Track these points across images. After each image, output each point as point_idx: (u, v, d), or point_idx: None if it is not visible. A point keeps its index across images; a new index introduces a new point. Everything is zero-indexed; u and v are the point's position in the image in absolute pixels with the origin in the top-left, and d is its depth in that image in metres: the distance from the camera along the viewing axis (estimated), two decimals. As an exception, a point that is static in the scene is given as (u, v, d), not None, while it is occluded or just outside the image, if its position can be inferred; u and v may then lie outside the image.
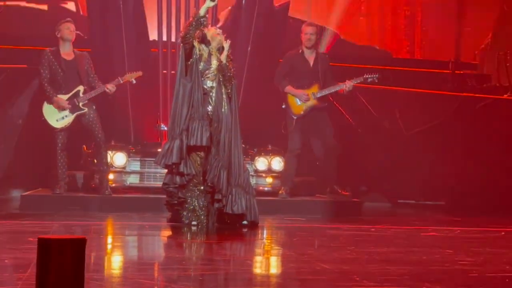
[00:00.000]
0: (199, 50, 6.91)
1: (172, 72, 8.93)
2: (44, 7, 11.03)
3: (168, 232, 6.98)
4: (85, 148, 8.72)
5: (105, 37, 8.89)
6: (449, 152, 9.48)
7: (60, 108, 8.14)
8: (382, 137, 9.67)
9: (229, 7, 10.16)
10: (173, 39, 8.96)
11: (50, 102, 8.17)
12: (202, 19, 6.86)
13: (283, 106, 8.59)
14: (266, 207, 7.86)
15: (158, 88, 8.90)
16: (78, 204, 8.08)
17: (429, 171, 9.51)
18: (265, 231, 7.13)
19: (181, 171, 6.84)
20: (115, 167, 8.46)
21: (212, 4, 6.94)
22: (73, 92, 8.20)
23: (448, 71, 9.80)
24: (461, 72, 10.04)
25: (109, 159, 8.42)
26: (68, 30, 8.19)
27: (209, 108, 6.92)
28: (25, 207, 8.01)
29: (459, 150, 9.44)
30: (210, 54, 6.94)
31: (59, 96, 8.17)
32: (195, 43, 6.89)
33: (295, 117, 8.52)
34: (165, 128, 8.84)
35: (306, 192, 8.84)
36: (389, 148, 9.63)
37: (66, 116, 8.15)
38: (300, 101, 8.51)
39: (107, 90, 8.17)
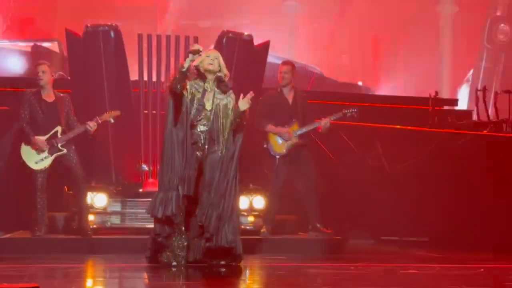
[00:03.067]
0: (191, 93, 6.83)
1: (153, 112, 8.98)
2: (27, 48, 11.10)
3: (149, 274, 6.93)
4: (66, 189, 8.69)
5: (86, 78, 8.93)
6: (431, 188, 9.51)
7: (39, 149, 8.11)
8: (365, 174, 9.70)
9: (211, 46, 10.25)
10: (154, 79, 9.01)
11: (28, 143, 8.15)
12: (186, 72, 6.83)
13: (265, 146, 8.63)
14: (248, 246, 7.81)
15: (139, 128, 8.92)
16: (59, 246, 8.02)
17: (412, 207, 9.53)
18: (246, 271, 7.09)
19: (172, 219, 6.81)
20: (96, 208, 8.43)
21: (195, 57, 6.90)
22: (51, 133, 8.17)
23: (428, 107, 9.87)
24: (441, 108, 10.11)
25: (90, 200, 8.40)
26: (38, 74, 8.16)
27: (198, 153, 6.88)
28: (4, 250, 7.94)
29: (441, 186, 9.47)
30: (205, 91, 6.87)
31: (37, 137, 8.14)
32: (184, 92, 6.85)
33: (278, 156, 8.56)
34: (146, 169, 8.85)
35: (288, 231, 8.83)
36: (372, 185, 9.65)
37: (45, 157, 8.13)
38: (281, 140, 8.55)
39: (88, 128, 8.14)
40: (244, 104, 6.86)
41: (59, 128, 8.18)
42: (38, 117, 8.16)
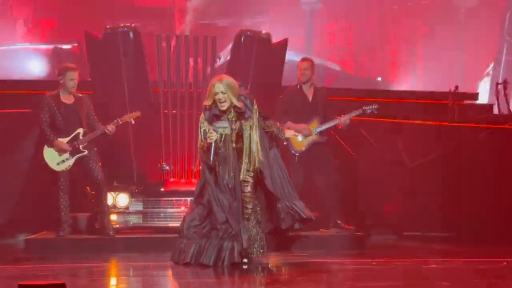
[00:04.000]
0: (221, 135, 6.86)
1: (173, 111, 9.03)
2: (48, 51, 11.21)
3: (173, 272, 6.98)
4: (88, 190, 8.77)
5: (106, 79, 9.00)
6: (452, 183, 9.48)
7: (61, 151, 8.19)
8: (386, 169, 9.69)
9: (229, 45, 10.32)
10: (173, 79, 9.06)
11: (51, 145, 8.23)
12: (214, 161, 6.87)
13: (285, 143, 8.64)
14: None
15: (160, 128, 8.98)
16: (82, 246, 8.09)
17: (433, 202, 9.50)
18: (269, 268, 7.12)
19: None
20: (118, 208, 8.51)
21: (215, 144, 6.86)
22: (73, 135, 8.23)
23: (448, 102, 9.83)
24: (462, 102, 10.06)
25: (112, 200, 8.48)
26: (73, 81, 8.17)
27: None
28: (30, 250, 8.05)
29: (462, 181, 9.43)
30: (230, 122, 6.91)
31: (59, 139, 8.20)
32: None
33: (297, 154, 8.59)
34: (167, 168, 8.91)
35: (310, 227, 8.81)
36: (393, 180, 9.64)
37: (66, 159, 8.20)
38: (301, 137, 8.57)
39: (107, 131, 8.21)
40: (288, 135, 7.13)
41: (80, 130, 8.23)
42: (57, 120, 8.20)
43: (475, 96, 10.62)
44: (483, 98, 12.05)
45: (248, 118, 6.92)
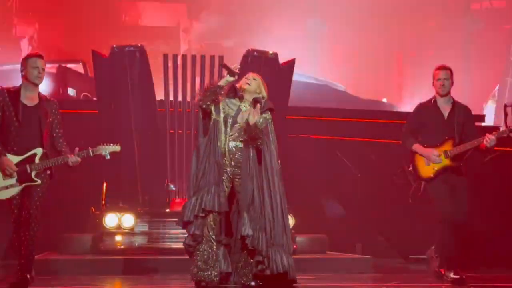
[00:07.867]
0: (224, 111, 6.63)
1: (179, 131, 8.98)
2: (53, 70, 11.18)
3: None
4: (93, 210, 8.70)
5: (112, 98, 8.96)
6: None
7: (6, 174, 6.08)
8: (392, 191, 9.61)
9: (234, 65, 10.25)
10: (179, 99, 9.02)
11: None
12: (218, 90, 6.63)
13: (410, 168, 7.43)
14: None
15: (166, 148, 8.92)
16: (86, 267, 7.97)
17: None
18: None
19: (192, 233, 6.59)
20: (124, 229, 8.42)
21: (232, 79, 6.67)
22: (27, 155, 6.15)
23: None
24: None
25: (117, 221, 8.38)
26: (36, 70, 6.11)
27: (228, 169, 6.65)
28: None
29: (469, 203, 9.35)
30: (239, 110, 6.62)
31: (8, 156, 6.11)
32: (212, 107, 6.67)
33: (424, 181, 7.26)
34: (173, 188, 8.84)
35: (318, 250, 8.74)
36: (399, 202, 9.55)
37: (11, 185, 6.15)
38: (428, 161, 7.21)
39: (69, 163, 6.20)
40: (251, 117, 6.52)
41: (39, 151, 6.17)
42: (12, 126, 6.10)
43: (481, 118, 10.57)
44: (489, 120, 12.01)
45: (260, 115, 6.57)
